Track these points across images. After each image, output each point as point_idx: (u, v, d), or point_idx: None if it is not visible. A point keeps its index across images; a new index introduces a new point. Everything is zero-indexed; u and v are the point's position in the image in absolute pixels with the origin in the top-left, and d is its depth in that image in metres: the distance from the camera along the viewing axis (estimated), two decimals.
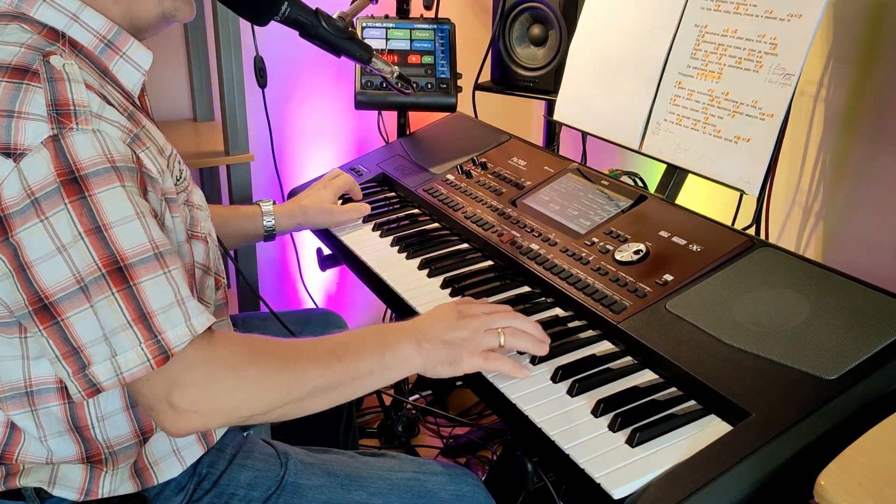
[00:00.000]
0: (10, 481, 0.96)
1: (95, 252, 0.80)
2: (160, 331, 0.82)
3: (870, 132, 1.44)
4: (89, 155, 0.81)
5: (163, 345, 0.82)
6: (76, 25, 0.90)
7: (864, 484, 0.74)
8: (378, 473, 1.12)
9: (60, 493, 0.96)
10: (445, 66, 1.81)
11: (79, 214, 0.80)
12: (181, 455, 1.03)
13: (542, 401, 0.99)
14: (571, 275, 1.20)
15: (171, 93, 2.08)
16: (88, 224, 0.80)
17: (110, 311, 0.80)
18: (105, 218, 0.81)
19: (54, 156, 0.79)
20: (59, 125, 0.80)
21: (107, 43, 0.93)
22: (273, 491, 1.07)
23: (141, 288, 0.81)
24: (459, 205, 1.49)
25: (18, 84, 0.80)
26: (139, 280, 0.81)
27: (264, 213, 1.45)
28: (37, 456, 0.95)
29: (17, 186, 0.79)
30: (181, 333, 0.83)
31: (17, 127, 0.79)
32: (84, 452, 0.96)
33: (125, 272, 0.81)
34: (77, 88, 0.83)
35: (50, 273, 0.80)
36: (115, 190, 0.82)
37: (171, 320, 0.83)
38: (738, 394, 0.91)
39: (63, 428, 0.94)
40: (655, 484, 0.83)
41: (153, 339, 0.82)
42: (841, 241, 1.52)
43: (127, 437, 0.98)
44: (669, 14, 1.39)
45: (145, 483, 1.00)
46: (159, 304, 0.82)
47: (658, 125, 1.39)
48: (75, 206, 0.79)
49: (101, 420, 0.96)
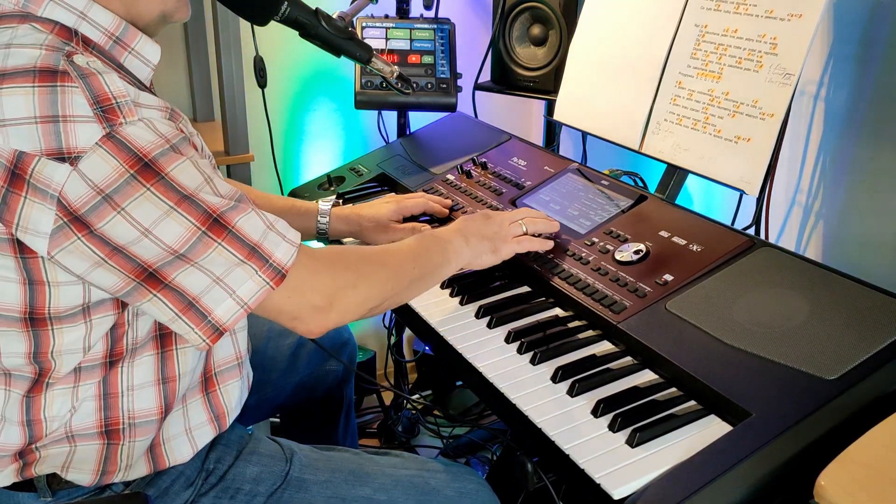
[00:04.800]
0: (27, 471, 0.96)
1: (191, 216, 0.85)
2: (269, 254, 0.90)
3: (870, 132, 1.44)
4: (149, 140, 0.83)
5: (276, 266, 0.90)
6: (85, 23, 0.90)
7: (864, 484, 0.74)
8: (382, 470, 1.13)
9: (74, 477, 0.97)
10: (445, 66, 1.81)
11: (164, 192, 0.83)
12: (192, 435, 1.04)
13: (542, 401, 0.99)
14: (571, 275, 1.20)
15: (171, 93, 2.07)
16: (176, 197, 0.84)
17: (221, 259, 0.87)
18: (188, 187, 0.85)
19: (117, 151, 0.81)
20: (108, 123, 0.81)
21: (115, 39, 0.93)
22: (278, 486, 1.08)
23: (238, 227, 0.88)
24: (459, 205, 1.49)
25: (52, 87, 0.80)
26: (235, 222, 0.88)
27: (320, 212, 1.40)
28: (57, 435, 0.96)
29: (82, 187, 0.80)
30: (286, 250, 0.91)
31: (66, 131, 0.79)
32: (104, 422, 0.97)
33: (221, 220, 0.87)
34: (111, 79, 0.83)
35: (146, 249, 0.84)
36: (184, 164, 0.86)
37: (272, 242, 0.90)
38: (738, 394, 0.91)
39: (92, 394, 0.96)
40: (655, 484, 0.84)
41: (266, 265, 0.89)
42: (841, 241, 1.52)
43: (151, 411, 0.99)
44: (669, 14, 1.39)
45: (158, 463, 1.02)
46: (258, 234, 0.89)
47: (658, 125, 1.39)
48: (158, 186, 0.83)
49: (130, 390, 0.97)
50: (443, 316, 1.21)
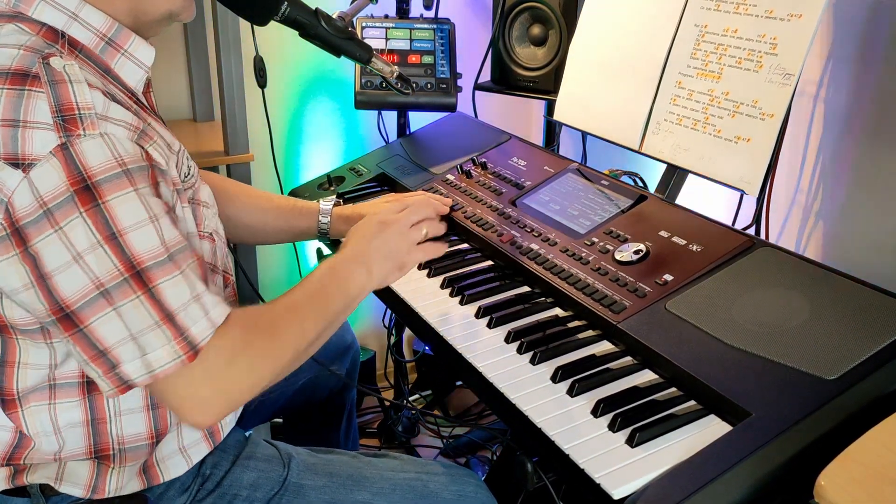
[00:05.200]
0: (18, 478, 0.96)
1: (116, 258, 0.81)
2: (185, 328, 0.84)
3: (870, 132, 1.44)
4: (99, 161, 0.80)
5: (190, 340, 0.85)
6: (76, 24, 0.89)
7: (864, 484, 0.74)
8: (381, 473, 1.12)
9: (67, 490, 0.96)
10: (445, 66, 1.81)
11: (94, 222, 0.80)
12: (188, 454, 1.03)
13: (542, 401, 0.99)
14: (571, 275, 1.20)
15: (171, 93, 2.07)
16: (105, 231, 0.80)
17: (136, 314, 0.82)
18: (119, 224, 0.81)
19: (64, 164, 0.78)
20: (66, 133, 0.79)
21: (108, 41, 0.91)
22: (276, 491, 1.07)
23: (160, 289, 0.83)
24: (459, 205, 1.49)
25: (20, 91, 0.79)
26: (158, 282, 0.83)
27: (321, 212, 1.39)
28: (46, 452, 0.95)
29: (28, 197, 0.78)
30: (204, 327, 0.86)
31: (23, 137, 0.78)
32: (93, 447, 0.96)
33: (143, 276, 0.82)
34: (80, 89, 0.81)
35: (69, 283, 0.80)
36: (128, 195, 0.82)
37: (191, 316, 0.85)
38: (738, 394, 0.91)
39: (78, 420, 0.95)
40: (655, 484, 0.83)
41: (181, 336, 0.84)
42: (841, 241, 1.52)
43: (141, 436, 0.98)
44: (669, 14, 1.39)
45: (151, 481, 1.01)
46: (179, 303, 0.84)
47: (658, 125, 1.39)
48: (90, 213, 0.80)
49: (118, 416, 0.96)
50: (443, 316, 1.21)
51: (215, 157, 1.84)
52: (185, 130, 2.04)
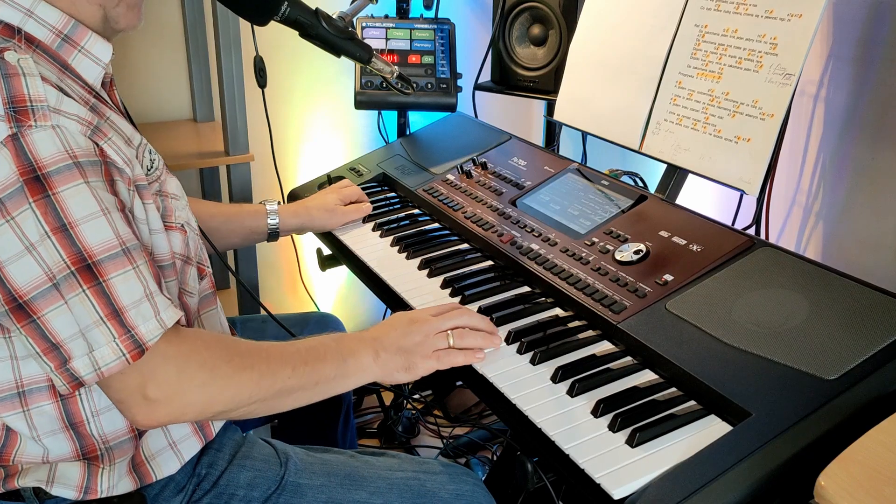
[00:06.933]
0: (9, 482, 0.96)
1: (63, 250, 0.81)
2: (133, 326, 0.84)
3: (870, 132, 1.44)
4: (50, 152, 0.81)
5: (137, 339, 0.84)
6: (31, 21, 0.90)
7: (864, 484, 0.74)
8: (378, 473, 1.12)
9: (59, 492, 0.96)
10: (445, 66, 1.81)
11: (44, 213, 0.80)
12: (178, 449, 1.03)
13: (542, 401, 0.99)
14: (571, 275, 1.20)
15: (171, 93, 2.08)
16: (54, 223, 0.80)
17: (83, 308, 0.82)
18: (70, 216, 0.81)
19: (15, 155, 0.79)
20: (17, 123, 0.80)
21: (64, 37, 0.92)
22: (273, 491, 1.07)
23: (111, 284, 0.83)
24: (459, 205, 1.49)
25: None
26: (108, 276, 0.82)
27: (269, 212, 1.46)
28: (34, 455, 0.95)
29: None
30: (153, 328, 0.85)
31: None
32: (80, 449, 0.96)
33: (94, 269, 0.82)
34: (33, 82, 0.82)
35: (21, 273, 0.81)
36: (78, 187, 0.82)
37: (141, 315, 0.84)
38: (738, 394, 0.91)
39: (57, 426, 0.95)
40: (655, 484, 0.83)
41: (127, 335, 0.83)
42: (841, 241, 1.52)
43: (122, 431, 0.98)
44: (669, 14, 1.39)
45: (144, 480, 1.00)
46: (129, 300, 0.84)
47: (658, 125, 1.39)
48: (39, 204, 0.80)
49: (95, 415, 0.96)
50: None
51: (215, 158, 1.84)
52: (185, 130, 2.04)
